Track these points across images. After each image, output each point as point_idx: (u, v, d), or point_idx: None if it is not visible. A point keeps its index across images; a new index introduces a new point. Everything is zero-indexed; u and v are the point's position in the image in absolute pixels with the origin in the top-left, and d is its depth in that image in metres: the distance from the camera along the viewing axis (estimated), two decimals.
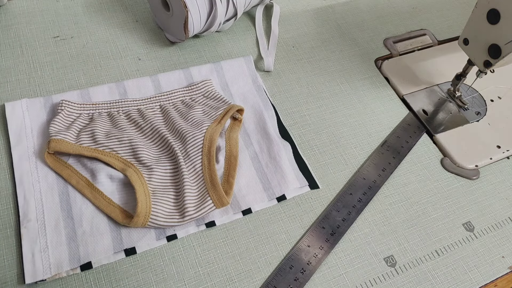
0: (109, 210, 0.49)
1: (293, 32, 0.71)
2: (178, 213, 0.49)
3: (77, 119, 0.54)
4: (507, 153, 0.62)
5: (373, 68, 0.69)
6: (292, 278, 0.48)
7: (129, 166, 0.51)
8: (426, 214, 0.56)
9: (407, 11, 0.78)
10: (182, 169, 0.51)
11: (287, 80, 0.65)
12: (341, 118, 0.63)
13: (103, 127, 0.54)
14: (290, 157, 0.57)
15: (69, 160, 0.52)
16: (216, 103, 0.58)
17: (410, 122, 0.63)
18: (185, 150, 0.53)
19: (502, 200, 0.58)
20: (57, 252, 0.46)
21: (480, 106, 0.66)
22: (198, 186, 0.51)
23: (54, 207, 0.49)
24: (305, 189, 0.55)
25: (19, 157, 0.52)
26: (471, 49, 0.58)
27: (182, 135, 0.54)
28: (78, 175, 0.51)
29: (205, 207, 0.50)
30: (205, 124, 0.55)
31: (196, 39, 0.67)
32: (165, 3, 0.62)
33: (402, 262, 0.52)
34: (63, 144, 0.51)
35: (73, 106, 0.54)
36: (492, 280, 0.52)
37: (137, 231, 0.49)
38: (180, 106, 0.57)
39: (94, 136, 0.52)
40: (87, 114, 0.55)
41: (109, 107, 0.56)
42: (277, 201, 0.53)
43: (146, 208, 0.48)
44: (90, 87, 0.58)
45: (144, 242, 0.49)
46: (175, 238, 0.49)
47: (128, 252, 0.48)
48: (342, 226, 0.53)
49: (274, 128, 0.59)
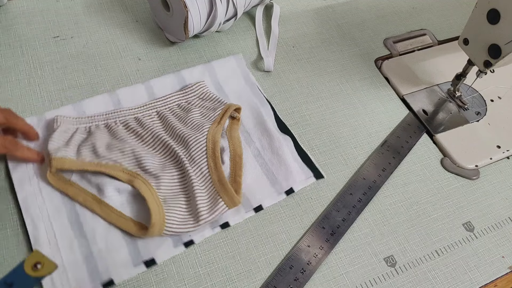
0: (121, 223, 0.48)
1: (293, 32, 0.71)
2: (192, 218, 0.49)
3: (74, 134, 0.52)
4: (507, 153, 0.62)
5: (373, 68, 0.69)
6: (292, 278, 0.48)
7: (136, 177, 0.50)
8: (426, 214, 0.56)
9: (407, 11, 0.78)
10: (189, 173, 0.50)
11: (287, 80, 0.65)
12: (341, 118, 0.63)
13: (103, 140, 0.52)
14: (293, 150, 0.57)
15: (72, 177, 0.50)
16: (213, 104, 0.58)
17: (410, 122, 0.63)
18: (189, 154, 0.52)
19: (502, 200, 0.58)
20: (76, 273, 0.45)
21: (480, 106, 0.66)
22: (207, 189, 0.51)
23: (65, 228, 0.48)
24: (311, 180, 0.55)
25: (19, 181, 0.50)
26: (471, 49, 0.58)
27: (184, 139, 0.53)
28: (84, 192, 0.49)
29: (217, 209, 0.49)
30: (205, 126, 0.54)
31: (196, 39, 0.67)
32: (165, 3, 0.62)
33: (402, 262, 0.52)
34: (66, 161, 0.49)
35: (68, 121, 0.53)
36: (492, 280, 0.52)
37: (154, 241, 0.48)
38: (177, 110, 0.57)
39: (95, 150, 0.51)
40: (84, 127, 0.53)
41: (105, 119, 0.54)
42: (286, 195, 0.54)
43: (160, 217, 0.47)
44: (83, 100, 0.57)
45: (162, 251, 0.48)
46: (192, 243, 0.49)
47: (148, 264, 0.47)
48: (342, 226, 0.53)
49: (273, 123, 0.59)
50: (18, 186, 0.49)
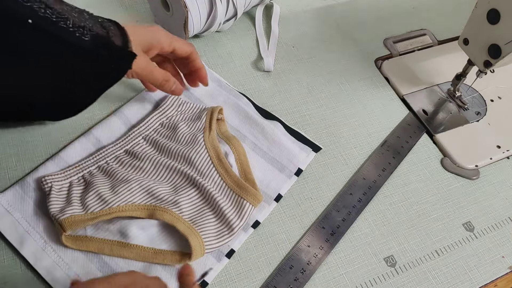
0: (160, 259, 0.46)
1: (293, 32, 0.71)
2: (226, 229, 0.48)
3: (71, 188, 0.48)
4: (507, 153, 0.62)
5: (373, 68, 0.69)
6: (292, 278, 0.48)
7: (155, 209, 0.47)
8: (426, 214, 0.56)
9: (407, 11, 0.78)
10: (205, 187, 0.49)
11: (287, 80, 0.65)
12: (341, 118, 0.63)
13: (104, 184, 0.49)
14: (285, 133, 0.58)
15: (87, 232, 0.47)
16: (194, 113, 0.57)
17: (410, 122, 0.63)
18: (196, 169, 0.51)
19: (502, 200, 0.58)
20: None
21: (480, 106, 0.66)
22: (228, 196, 0.50)
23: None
24: (312, 155, 0.57)
25: (34, 256, 0.45)
26: (471, 49, 0.58)
27: (184, 157, 0.52)
28: (107, 242, 0.46)
29: (246, 211, 0.49)
30: (199, 137, 0.53)
31: (196, 39, 0.67)
32: (165, 3, 0.62)
33: (402, 262, 0.52)
34: (76, 219, 0.45)
35: (58, 178, 0.49)
36: (492, 280, 0.52)
37: (196, 263, 0.47)
38: (162, 130, 0.54)
39: (101, 197, 0.47)
40: (77, 178, 0.49)
41: (95, 162, 0.51)
42: (297, 176, 0.55)
43: (197, 238, 0.46)
44: (60, 152, 0.52)
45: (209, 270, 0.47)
46: (233, 252, 0.49)
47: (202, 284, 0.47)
48: (342, 226, 0.53)
49: (256, 113, 0.59)
50: (35, 262, 0.45)
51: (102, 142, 0.53)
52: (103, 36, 0.44)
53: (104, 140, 0.54)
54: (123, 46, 0.46)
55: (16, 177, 0.50)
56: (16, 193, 0.49)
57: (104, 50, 0.44)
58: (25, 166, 0.51)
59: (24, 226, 0.47)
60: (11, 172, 0.51)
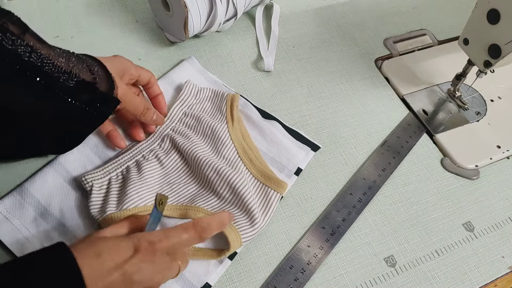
0: (201, 254, 0.47)
1: (293, 32, 0.71)
2: (258, 218, 0.49)
3: (109, 186, 0.48)
4: (507, 153, 0.62)
5: (373, 68, 0.69)
6: (292, 278, 0.48)
7: (187, 209, 0.49)
8: (426, 214, 0.56)
9: (407, 11, 0.78)
10: (234, 179, 0.50)
11: (287, 80, 0.65)
12: (341, 118, 0.63)
13: (141, 181, 0.49)
14: (284, 133, 0.58)
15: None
16: (213, 101, 0.58)
17: (410, 122, 0.63)
18: (225, 161, 0.52)
19: (502, 200, 0.58)
20: None
21: (480, 106, 0.66)
22: (254, 186, 0.52)
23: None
24: (311, 154, 0.57)
25: None
26: (471, 49, 0.58)
27: (212, 149, 0.53)
28: None
29: (273, 199, 0.51)
30: (223, 128, 0.54)
31: (196, 39, 0.67)
32: (165, 3, 0.62)
33: (402, 262, 0.52)
34: (113, 218, 0.45)
35: (98, 176, 0.49)
36: (492, 280, 0.52)
37: (199, 265, 0.47)
38: (187, 119, 0.56)
39: (138, 193, 0.47)
40: (116, 175, 0.50)
41: (132, 157, 0.51)
42: (296, 175, 0.55)
43: (234, 231, 0.47)
44: (58, 157, 0.51)
45: (212, 273, 0.48)
46: (235, 254, 0.49)
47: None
48: (342, 226, 0.53)
49: (254, 113, 0.59)
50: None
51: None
52: (89, 82, 0.44)
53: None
54: (108, 92, 0.46)
55: (14, 183, 0.50)
56: (15, 199, 0.48)
57: (88, 95, 0.44)
58: (23, 172, 0.51)
59: (23, 233, 0.46)
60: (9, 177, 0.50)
